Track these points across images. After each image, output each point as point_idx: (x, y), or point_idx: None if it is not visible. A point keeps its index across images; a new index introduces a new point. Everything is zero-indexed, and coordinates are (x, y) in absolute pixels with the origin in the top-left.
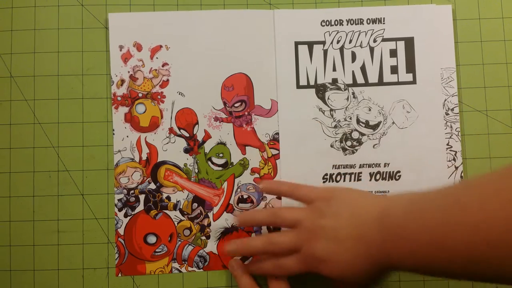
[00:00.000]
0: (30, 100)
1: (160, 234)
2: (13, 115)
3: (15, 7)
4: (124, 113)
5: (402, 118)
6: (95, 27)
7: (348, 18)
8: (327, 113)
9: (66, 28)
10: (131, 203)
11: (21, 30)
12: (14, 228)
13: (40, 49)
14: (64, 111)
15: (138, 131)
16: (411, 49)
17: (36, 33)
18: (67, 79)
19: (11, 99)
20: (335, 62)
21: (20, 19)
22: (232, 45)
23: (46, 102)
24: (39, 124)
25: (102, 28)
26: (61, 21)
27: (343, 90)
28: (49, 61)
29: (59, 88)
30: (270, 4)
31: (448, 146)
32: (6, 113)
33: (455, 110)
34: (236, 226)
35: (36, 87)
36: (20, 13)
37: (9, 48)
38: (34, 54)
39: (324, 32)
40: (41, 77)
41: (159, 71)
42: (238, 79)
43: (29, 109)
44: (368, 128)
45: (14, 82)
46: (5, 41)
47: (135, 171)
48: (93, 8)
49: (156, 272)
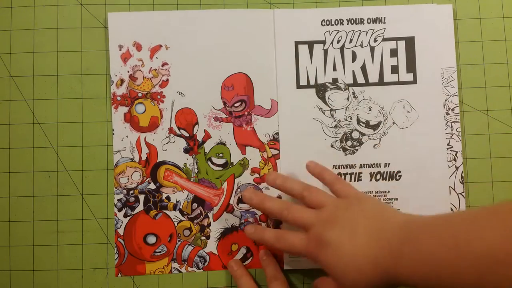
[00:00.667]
0: (29, 100)
1: (160, 234)
2: (12, 115)
3: (14, 6)
4: (123, 113)
5: (403, 118)
6: (94, 27)
7: (348, 18)
8: (327, 113)
9: (66, 27)
10: (130, 203)
11: (20, 30)
12: (13, 228)
13: (40, 48)
14: (63, 111)
15: (137, 131)
16: (412, 49)
17: (36, 33)
18: (67, 79)
19: (10, 99)
20: (335, 62)
21: (19, 19)
22: (232, 44)
23: (46, 102)
24: (38, 124)
25: (101, 27)
26: (61, 20)
27: (343, 90)
28: (48, 60)
29: (58, 88)
30: (270, 3)
31: (449, 146)
32: (5, 113)
33: (456, 110)
34: (236, 227)
35: (35, 87)
36: (19, 13)
37: (8, 47)
38: (33, 53)
39: (324, 32)
40: (41, 76)
41: (158, 71)
42: (238, 79)
43: (29, 109)
44: (369, 128)
45: (13, 81)
46: (4, 40)
47: (134, 171)
48: (92, 7)
49: (156, 273)
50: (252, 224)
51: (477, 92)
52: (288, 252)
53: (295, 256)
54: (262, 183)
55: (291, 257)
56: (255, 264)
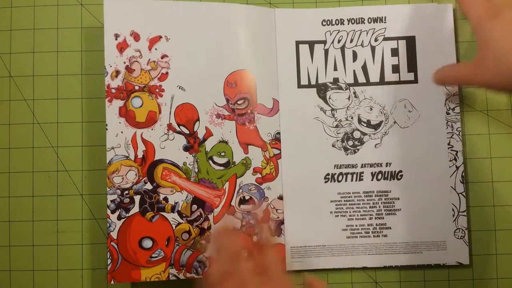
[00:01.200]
0: (29, 100)
1: (156, 238)
2: (12, 115)
3: (14, 6)
4: (118, 106)
5: (404, 118)
6: (94, 27)
7: (349, 18)
8: (328, 112)
9: (66, 27)
10: (125, 204)
11: (20, 30)
12: (13, 228)
13: (39, 48)
14: (63, 111)
15: (133, 126)
16: (413, 48)
17: (35, 33)
18: (66, 79)
19: (10, 99)
20: (336, 62)
21: (19, 19)
22: (234, 40)
23: (45, 102)
24: (38, 124)
25: (101, 27)
26: (60, 20)
27: (344, 89)
28: (48, 60)
29: (58, 88)
30: (270, 3)
31: (449, 145)
32: (5, 113)
33: (456, 110)
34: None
35: (35, 86)
36: (19, 13)
37: (8, 47)
38: (33, 53)
39: (325, 32)
40: (40, 76)
41: (157, 63)
42: (241, 76)
43: (28, 109)
44: (370, 127)
45: (13, 81)
46: (4, 40)
47: (129, 169)
48: (92, 7)
49: (152, 279)
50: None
51: (477, 92)
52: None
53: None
54: (264, 183)
55: (293, 258)
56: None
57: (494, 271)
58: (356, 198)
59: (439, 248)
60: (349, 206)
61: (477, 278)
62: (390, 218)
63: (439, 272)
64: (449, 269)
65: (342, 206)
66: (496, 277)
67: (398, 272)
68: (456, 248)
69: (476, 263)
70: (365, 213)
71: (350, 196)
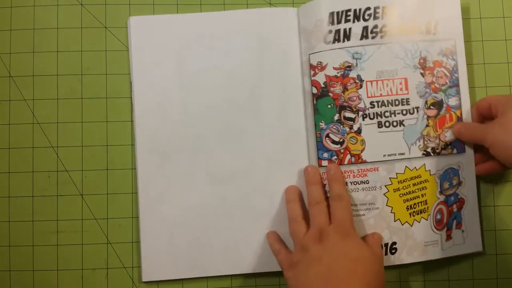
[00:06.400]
0: (29, 100)
1: None
2: (12, 115)
3: (14, 6)
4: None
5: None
6: (94, 27)
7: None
8: None
9: (65, 27)
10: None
11: (20, 30)
12: (13, 228)
13: (39, 48)
14: (63, 111)
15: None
16: None
17: (35, 33)
18: (66, 79)
19: (10, 99)
20: None
21: (19, 19)
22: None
23: (45, 102)
24: (38, 124)
25: (101, 27)
26: (60, 20)
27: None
28: (48, 60)
29: (58, 88)
30: (270, 3)
31: None
32: (5, 113)
33: None
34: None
35: (35, 87)
36: (19, 13)
37: (8, 47)
38: (33, 53)
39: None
40: (40, 76)
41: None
42: None
43: (28, 109)
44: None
45: (13, 81)
46: (4, 40)
47: None
48: (92, 7)
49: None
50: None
51: (477, 92)
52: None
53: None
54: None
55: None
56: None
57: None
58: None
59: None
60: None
61: (477, 278)
62: None
63: (439, 272)
64: (449, 269)
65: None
66: (496, 277)
67: (398, 272)
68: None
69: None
70: None
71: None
